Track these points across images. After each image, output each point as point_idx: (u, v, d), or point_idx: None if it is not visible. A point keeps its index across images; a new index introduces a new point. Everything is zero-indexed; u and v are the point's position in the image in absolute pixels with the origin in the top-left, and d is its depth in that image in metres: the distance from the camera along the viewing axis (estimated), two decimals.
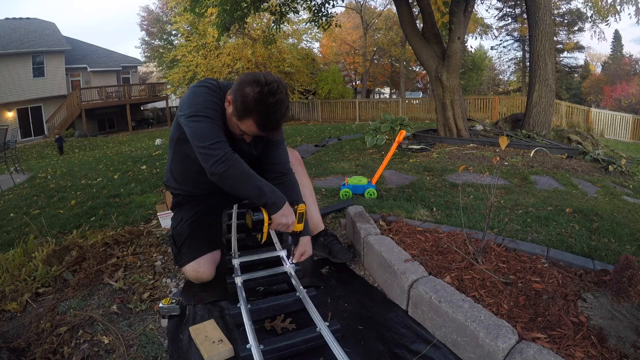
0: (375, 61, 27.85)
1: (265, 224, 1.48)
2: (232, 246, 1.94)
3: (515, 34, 26.71)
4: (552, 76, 5.87)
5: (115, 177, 4.56)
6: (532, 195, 2.97)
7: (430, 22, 5.79)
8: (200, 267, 1.70)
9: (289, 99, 1.45)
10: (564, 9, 23.64)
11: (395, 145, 2.93)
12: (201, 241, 1.72)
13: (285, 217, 1.47)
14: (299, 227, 1.57)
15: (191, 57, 18.00)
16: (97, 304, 1.67)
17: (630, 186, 3.90)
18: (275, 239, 1.98)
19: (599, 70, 34.67)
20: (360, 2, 24.21)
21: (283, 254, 1.80)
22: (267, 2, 7.50)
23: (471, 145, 5.28)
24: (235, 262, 1.75)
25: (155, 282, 1.86)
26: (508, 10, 25.58)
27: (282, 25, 8.14)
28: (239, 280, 1.62)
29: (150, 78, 31.58)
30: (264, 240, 1.52)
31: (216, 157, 1.39)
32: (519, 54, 27.84)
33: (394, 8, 9.05)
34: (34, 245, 2.18)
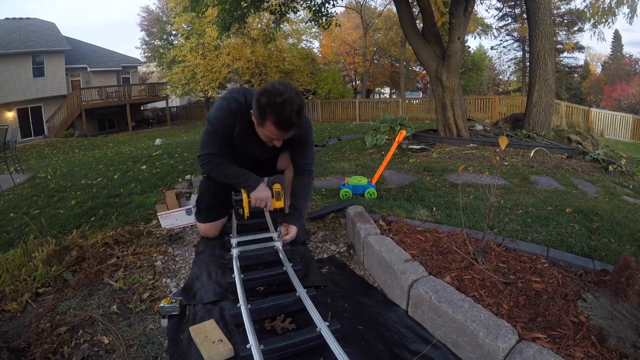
0: (375, 61, 27.82)
1: (245, 201, 1.93)
2: (232, 229, 2.23)
3: (515, 34, 26.68)
4: (552, 76, 5.86)
5: (115, 177, 4.56)
6: (532, 195, 2.97)
7: (430, 22, 5.79)
8: (209, 230, 2.24)
9: (301, 99, 1.63)
10: (564, 9, 23.63)
11: (395, 145, 2.93)
12: (215, 210, 2.20)
13: (260, 193, 1.88)
14: (278, 204, 1.93)
15: (191, 56, 17.98)
16: (97, 304, 1.67)
17: (630, 186, 3.90)
18: (269, 222, 2.29)
19: (599, 70, 34.64)
20: (360, 2, 24.20)
21: (275, 235, 2.08)
22: (267, 2, 7.50)
23: (471, 145, 5.28)
24: (234, 241, 2.01)
25: (155, 282, 1.86)
26: (508, 10, 25.56)
27: (281, 25, 8.15)
28: (235, 252, 1.89)
29: (150, 78, 31.58)
30: (246, 215, 1.97)
31: (201, 164, 1.95)
32: (519, 54, 27.81)
33: (394, 8, 9.05)
34: (34, 245, 2.18)
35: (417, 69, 28.33)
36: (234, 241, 2.00)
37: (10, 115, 17.07)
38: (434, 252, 1.78)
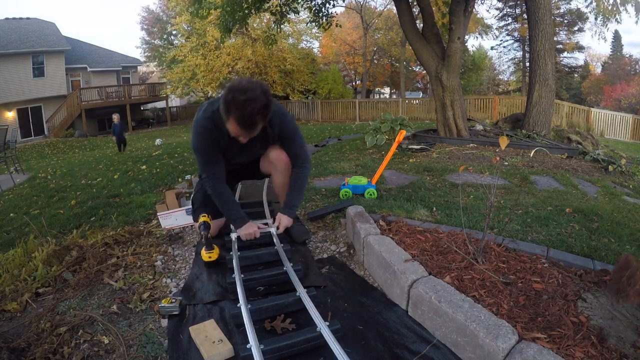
0: (375, 61, 27.82)
1: (203, 255, 1.97)
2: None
3: (516, 34, 26.70)
4: (552, 76, 5.86)
5: (115, 177, 4.56)
6: (532, 195, 2.97)
7: (430, 22, 5.79)
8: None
9: (268, 98, 1.64)
10: (564, 9, 23.64)
11: (395, 145, 2.93)
12: (210, 208, 2.11)
13: (247, 229, 1.96)
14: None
15: (191, 56, 17.98)
16: (97, 304, 1.67)
17: (630, 186, 3.90)
18: (266, 211, 2.41)
19: (599, 70, 34.62)
20: (360, 2, 24.20)
21: (270, 221, 2.20)
22: (268, 3, 7.49)
23: (471, 145, 5.28)
24: (233, 235, 2.08)
25: (155, 282, 1.86)
26: (508, 10, 25.57)
27: (282, 26, 8.14)
28: (233, 236, 2.01)
29: (150, 77, 31.58)
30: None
31: (208, 186, 1.96)
32: (519, 54, 27.80)
33: (394, 8, 9.05)
34: (34, 245, 2.18)
35: (417, 69, 28.31)
36: (233, 235, 2.08)
37: (10, 115, 17.06)
38: (434, 252, 1.78)
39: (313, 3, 7.67)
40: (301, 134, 2.09)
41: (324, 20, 7.86)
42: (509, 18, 26.23)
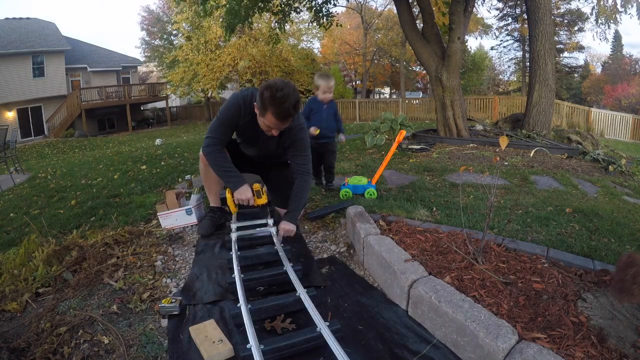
0: (375, 61, 27.83)
1: (229, 200, 2.14)
2: (232, 216, 2.35)
3: (516, 34, 26.71)
4: (552, 76, 5.86)
5: (115, 177, 4.55)
6: (532, 195, 2.97)
7: (430, 22, 5.79)
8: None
9: (298, 95, 1.87)
10: (564, 9, 23.65)
11: (395, 145, 2.93)
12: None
13: (242, 194, 2.03)
14: (261, 201, 2.10)
15: (192, 55, 17.97)
16: (97, 304, 1.67)
17: (631, 186, 3.90)
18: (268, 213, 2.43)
19: (599, 70, 34.64)
20: (360, 2, 24.21)
21: (270, 221, 2.22)
22: (270, 3, 7.50)
23: (471, 145, 5.28)
24: (233, 226, 2.16)
25: (155, 282, 1.86)
26: (508, 10, 25.58)
27: (285, 25, 8.16)
28: (233, 236, 2.05)
29: (150, 78, 31.57)
30: (233, 211, 2.21)
31: (205, 145, 2.08)
32: (519, 54, 27.82)
33: (394, 8, 9.04)
34: (34, 245, 2.18)
35: (417, 69, 28.32)
36: (233, 226, 2.15)
37: (10, 115, 17.06)
38: (434, 252, 1.78)
39: (314, 3, 7.68)
40: (309, 150, 2.22)
41: (325, 19, 7.88)
42: (509, 18, 26.24)
